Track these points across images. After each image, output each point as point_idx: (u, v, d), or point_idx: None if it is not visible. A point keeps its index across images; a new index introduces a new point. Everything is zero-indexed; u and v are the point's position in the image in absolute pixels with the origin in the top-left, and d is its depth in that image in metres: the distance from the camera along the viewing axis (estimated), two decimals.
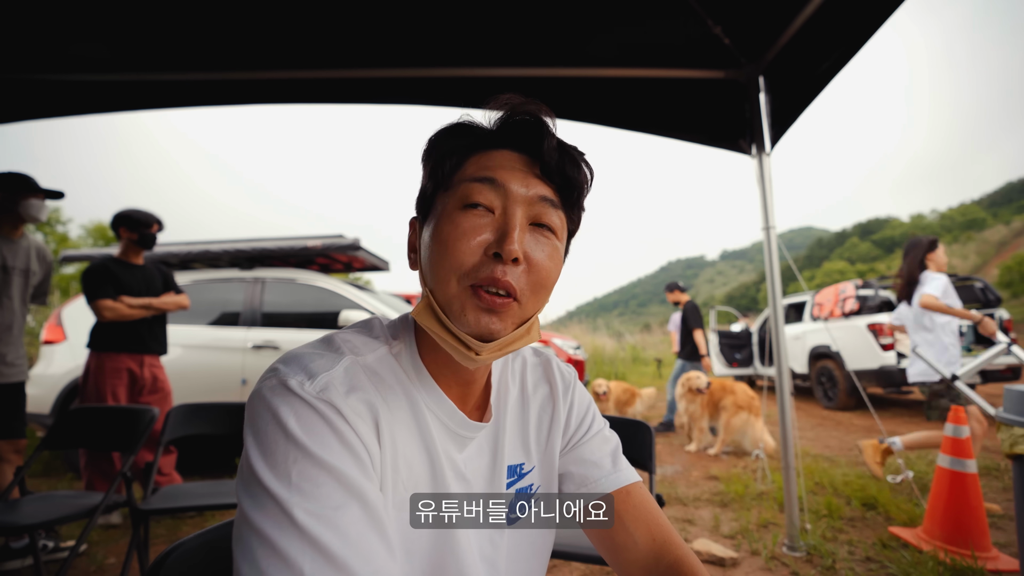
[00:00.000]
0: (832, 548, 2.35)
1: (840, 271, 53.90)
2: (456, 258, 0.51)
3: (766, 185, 2.32)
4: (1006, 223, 47.64)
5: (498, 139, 0.56)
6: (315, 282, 3.77)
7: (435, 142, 0.58)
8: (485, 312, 0.51)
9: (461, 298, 0.52)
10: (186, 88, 2.31)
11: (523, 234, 0.53)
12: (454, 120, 0.59)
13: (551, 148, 0.54)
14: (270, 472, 0.44)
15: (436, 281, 0.53)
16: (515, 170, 0.54)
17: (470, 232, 0.52)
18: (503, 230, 0.52)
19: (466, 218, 0.52)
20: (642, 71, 2.27)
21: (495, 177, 0.53)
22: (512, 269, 0.51)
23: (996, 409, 1.71)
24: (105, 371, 2.61)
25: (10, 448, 2.28)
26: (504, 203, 0.53)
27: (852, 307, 6.50)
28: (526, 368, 0.72)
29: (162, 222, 2.80)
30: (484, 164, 0.55)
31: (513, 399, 0.68)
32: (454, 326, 0.52)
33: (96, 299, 2.57)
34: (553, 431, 0.69)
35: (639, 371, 12.29)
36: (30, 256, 2.40)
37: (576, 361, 5.91)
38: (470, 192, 0.53)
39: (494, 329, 0.51)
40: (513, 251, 0.50)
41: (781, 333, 2.34)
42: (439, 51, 2.19)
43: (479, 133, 0.57)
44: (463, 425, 0.59)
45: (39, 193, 2.34)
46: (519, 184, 0.53)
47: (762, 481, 3.36)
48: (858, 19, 1.79)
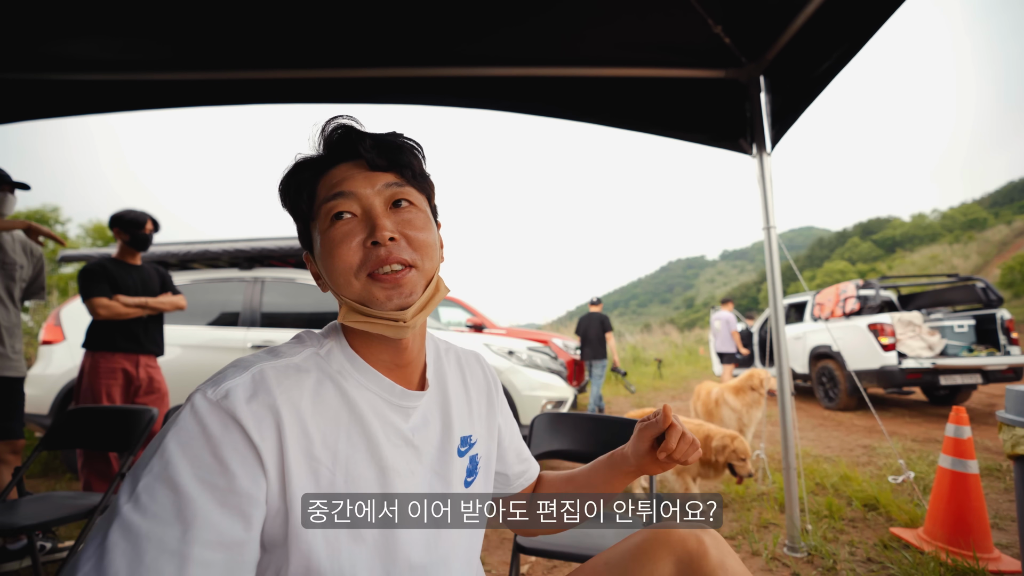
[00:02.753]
0: (833, 549, 2.34)
1: (841, 271, 53.86)
2: (345, 261, 0.61)
3: (767, 185, 2.31)
4: (1008, 223, 47.59)
5: (330, 159, 0.66)
6: (314, 282, 3.77)
7: (284, 188, 0.67)
8: (391, 288, 0.61)
9: (367, 288, 0.61)
10: (187, 88, 2.30)
11: (387, 219, 0.62)
12: (289, 164, 0.68)
13: (368, 148, 0.64)
14: (140, 482, 0.51)
15: (342, 287, 0.63)
16: (355, 176, 0.64)
17: (346, 237, 0.62)
18: (370, 224, 0.62)
19: (337, 229, 0.62)
20: (642, 71, 2.26)
21: (343, 189, 0.63)
22: (394, 247, 0.61)
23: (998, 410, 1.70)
24: (100, 371, 2.59)
25: (7, 449, 2.26)
26: (360, 204, 0.63)
27: (853, 307, 6.49)
28: (460, 357, 0.83)
29: (157, 221, 2.77)
30: (330, 183, 0.64)
31: (453, 377, 0.78)
32: (373, 311, 0.62)
33: (91, 297, 2.55)
34: (491, 413, 0.82)
35: (639, 371, 12.28)
36: (12, 248, 2.35)
37: (576, 361, 5.91)
38: (332, 208, 0.62)
39: (405, 297, 0.62)
40: (384, 235, 0.60)
41: (782, 333, 2.33)
42: (439, 51, 2.19)
43: (312, 163, 0.67)
44: (402, 396, 0.68)
45: (5, 186, 2.28)
46: (363, 185, 0.63)
47: (763, 481, 3.35)
48: (859, 18, 1.79)
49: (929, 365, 5.57)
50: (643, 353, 14.73)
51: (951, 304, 6.88)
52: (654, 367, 11.89)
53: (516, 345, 3.80)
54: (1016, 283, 23.95)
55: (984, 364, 5.62)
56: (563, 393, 3.72)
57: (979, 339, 6.32)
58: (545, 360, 3.91)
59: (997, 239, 43.00)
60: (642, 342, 16.84)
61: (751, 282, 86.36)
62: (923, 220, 73.14)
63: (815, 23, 1.90)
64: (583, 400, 6.38)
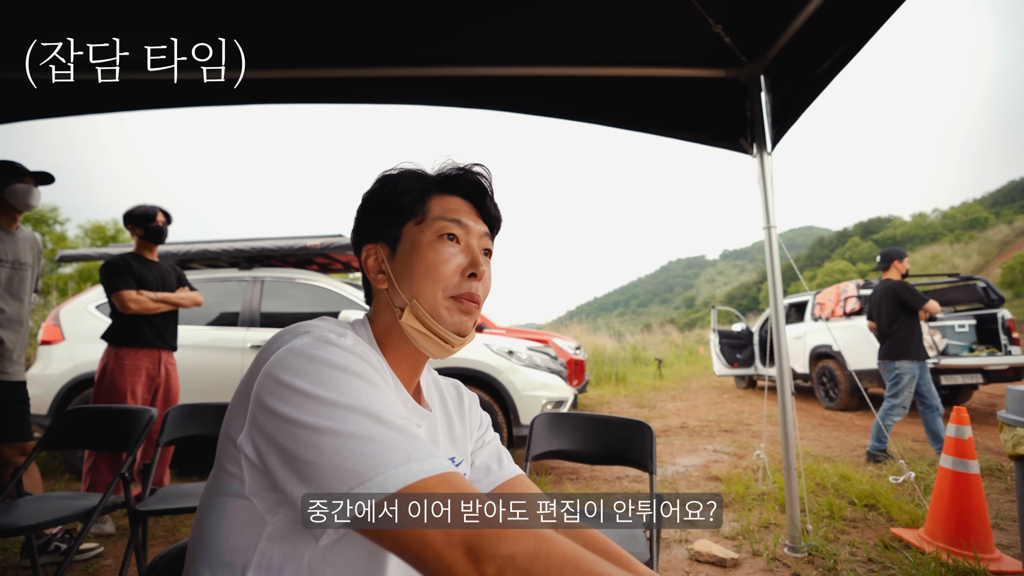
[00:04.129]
0: (834, 549, 2.33)
1: (841, 271, 53.83)
2: (443, 278, 0.68)
3: (767, 184, 2.31)
4: (1008, 222, 47.53)
5: (451, 187, 0.74)
6: (314, 282, 3.77)
7: (395, 180, 0.73)
8: (464, 314, 0.70)
9: (446, 305, 0.69)
10: (188, 88, 2.30)
11: (484, 261, 0.72)
12: (406, 166, 0.75)
13: (488, 201, 0.75)
14: (341, 398, 0.52)
15: (423, 294, 0.68)
16: (470, 214, 0.73)
17: (451, 259, 0.69)
18: (472, 257, 0.70)
19: (446, 247, 0.69)
20: (643, 70, 2.26)
21: (461, 219, 0.71)
22: (478, 284, 0.70)
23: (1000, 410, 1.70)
24: (125, 368, 2.59)
25: (16, 451, 2.22)
26: (467, 238, 0.71)
27: (853, 307, 6.48)
28: (440, 383, 0.88)
29: (168, 214, 2.77)
30: (450, 206, 0.72)
31: (436, 403, 0.83)
32: (438, 326, 0.68)
33: (119, 290, 2.55)
34: (470, 434, 0.86)
35: (639, 371, 12.28)
36: (24, 249, 2.32)
37: (576, 361, 5.91)
38: (447, 227, 0.70)
39: (468, 326, 0.70)
40: (482, 271, 0.70)
41: (782, 333, 2.33)
42: (441, 51, 2.18)
43: (431, 179, 0.74)
44: (415, 411, 0.71)
45: (26, 177, 2.23)
46: (474, 224, 0.72)
47: (763, 482, 3.35)
48: (859, 18, 1.78)
49: (930, 365, 5.56)
50: (643, 353, 14.71)
51: (952, 304, 6.87)
52: (654, 367, 11.89)
53: (516, 345, 3.79)
54: (1017, 283, 23.94)
55: (985, 364, 5.62)
56: (563, 393, 3.72)
57: (980, 339, 6.31)
58: (545, 360, 3.91)
59: (998, 239, 42.96)
60: (642, 342, 16.82)
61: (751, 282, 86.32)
62: (924, 220, 73.08)
63: (815, 22, 1.89)
64: (583, 400, 6.38)
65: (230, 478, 0.57)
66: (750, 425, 5.67)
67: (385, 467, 0.48)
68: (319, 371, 0.54)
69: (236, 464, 0.56)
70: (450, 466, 0.51)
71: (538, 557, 0.43)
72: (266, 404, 0.53)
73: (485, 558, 0.44)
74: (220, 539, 0.57)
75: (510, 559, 0.43)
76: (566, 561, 0.44)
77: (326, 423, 0.50)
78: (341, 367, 0.55)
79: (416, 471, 0.48)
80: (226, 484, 0.58)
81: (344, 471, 0.48)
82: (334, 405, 0.51)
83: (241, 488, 0.56)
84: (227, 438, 0.58)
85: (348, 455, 0.48)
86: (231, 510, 0.57)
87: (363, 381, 0.55)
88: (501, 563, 0.43)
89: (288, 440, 0.51)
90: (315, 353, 0.56)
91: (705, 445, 4.72)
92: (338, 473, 0.48)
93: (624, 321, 53.12)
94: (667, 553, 2.37)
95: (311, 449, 0.49)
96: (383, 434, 0.50)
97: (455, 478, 0.50)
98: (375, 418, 0.51)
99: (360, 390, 0.53)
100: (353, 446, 0.49)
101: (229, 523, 0.57)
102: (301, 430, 0.50)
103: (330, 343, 0.58)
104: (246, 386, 0.58)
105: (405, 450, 0.49)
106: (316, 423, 0.50)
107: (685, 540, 2.48)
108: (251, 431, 0.55)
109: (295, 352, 0.56)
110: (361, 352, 0.60)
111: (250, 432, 0.55)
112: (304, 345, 0.57)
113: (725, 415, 6.40)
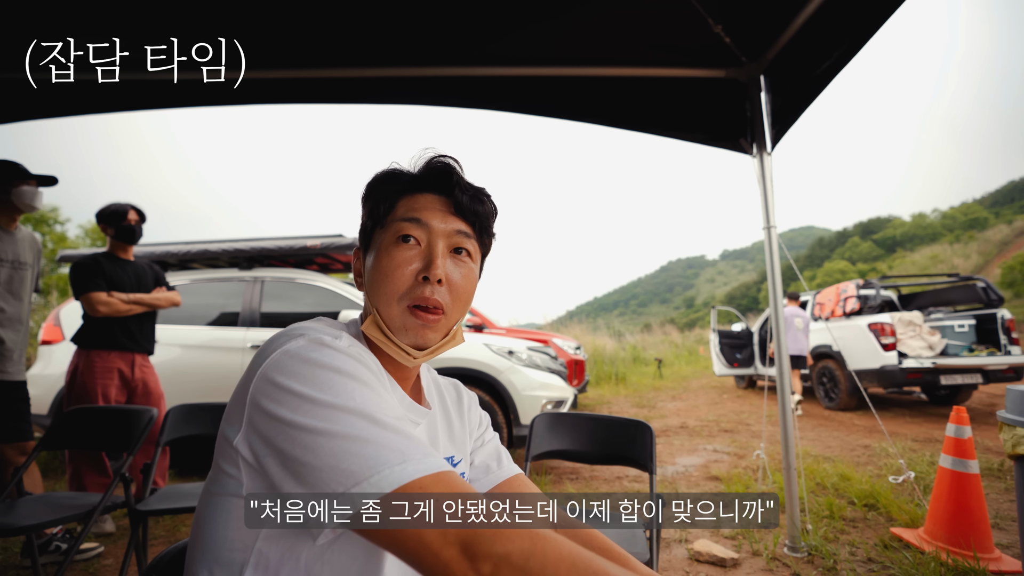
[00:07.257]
0: (833, 549, 2.34)
1: (841, 271, 53.85)
2: (394, 284, 0.65)
3: (767, 184, 2.31)
4: (1008, 222, 47.55)
5: (421, 184, 0.70)
6: (314, 282, 3.77)
7: (373, 187, 0.71)
8: (421, 327, 0.65)
9: (401, 317, 0.65)
10: (188, 88, 2.30)
11: (444, 260, 0.66)
12: (386, 168, 0.72)
13: (461, 191, 0.68)
14: (337, 399, 0.52)
15: (380, 303, 0.66)
16: (435, 210, 0.68)
17: (404, 262, 0.65)
18: (428, 258, 0.65)
19: (399, 251, 0.66)
20: (642, 70, 2.26)
21: (419, 217, 0.67)
22: (438, 288, 0.65)
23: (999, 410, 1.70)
24: (95, 370, 2.52)
25: (17, 450, 2.22)
26: (428, 237, 0.66)
27: (853, 307, 6.49)
28: (440, 382, 0.87)
29: (141, 211, 2.68)
30: (411, 206, 0.68)
31: (436, 402, 0.81)
32: (396, 338, 0.66)
33: (88, 292, 2.47)
34: (469, 433, 0.85)
35: (639, 371, 12.28)
36: (24, 248, 2.32)
37: (576, 361, 5.91)
38: (401, 229, 0.66)
39: (428, 339, 0.66)
40: (436, 274, 0.64)
41: (782, 333, 2.33)
42: (439, 51, 2.18)
43: (405, 179, 0.70)
44: (412, 409, 0.70)
45: (30, 179, 2.24)
46: (439, 221, 0.67)
47: (763, 481, 3.35)
48: (859, 18, 1.78)
49: (930, 365, 5.57)
50: (643, 353, 14.71)
51: (952, 304, 6.88)
52: (654, 367, 11.89)
53: (516, 345, 3.79)
54: (1017, 283, 23.95)
55: (985, 364, 5.62)
56: (563, 393, 3.72)
57: (980, 339, 6.32)
58: (545, 360, 3.91)
59: (997, 239, 42.98)
60: (642, 342, 16.82)
61: (751, 282, 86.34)
62: (923, 220, 73.08)
63: (815, 23, 1.89)
64: (583, 400, 6.39)
65: (227, 478, 0.57)
66: (750, 425, 5.67)
67: (381, 467, 0.48)
68: (314, 373, 0.54)
69: (233, 465, 0.57)
70: (446, 465, 0.52)
71: (533, 555, 0.44)
72: (262, 406, 0.53)
73: (481, 556, 0.44)
74: (218, 538, 0.57)
75: (505, 557, 0.44)
76: (562, 559, 0.44)
77: (322, 424, 0.50)
78: (336, 369, 0.55)
79: (412, 471, 0.48)
80: (224, 484, 0.58)
81: (340, 472, 0.48)
82: (330, 407, 0.51)
83: (239, 488, 0.56)
84: (224, 439, 0.58)
85: (344, 456, 0.49)
86: (229, 510, 0.57)
87: (358, 382, 0.55)
88: (496, 561, 0.44)
89: (284, 442, 0.51)
90: (310, 355, 0.56)
91: (705, 445, 4.72)
92: (334, 474, 0.48)
93: (624, 321, 53.15)
94: (667, 553, 2.37)
95: (307, 451, 0.50)
96: (378, 435, 0.50)
97: (451, 477, 0.51)
98: (370, 419, 0.51)
99: (355, 391, 0.54)
100: (349, 447, 0.49)
101: (227, 523, 0.57)
102: (297, 432, 0.51)
103: (325, 345, 0.58)
104: (243, 388, 0.58)
105: (400, 450, 0.50)
106: (312, 425, 0.50)
107: (685, 540, 2.48)
108: (248, 433, 0.55)
109: (290, 355, 0.56)
110: (356, 354, 0.60)
111: (247, 434, 0.55)
112: (299, 348, 0.57)
113: (725, 415, 6.40)
